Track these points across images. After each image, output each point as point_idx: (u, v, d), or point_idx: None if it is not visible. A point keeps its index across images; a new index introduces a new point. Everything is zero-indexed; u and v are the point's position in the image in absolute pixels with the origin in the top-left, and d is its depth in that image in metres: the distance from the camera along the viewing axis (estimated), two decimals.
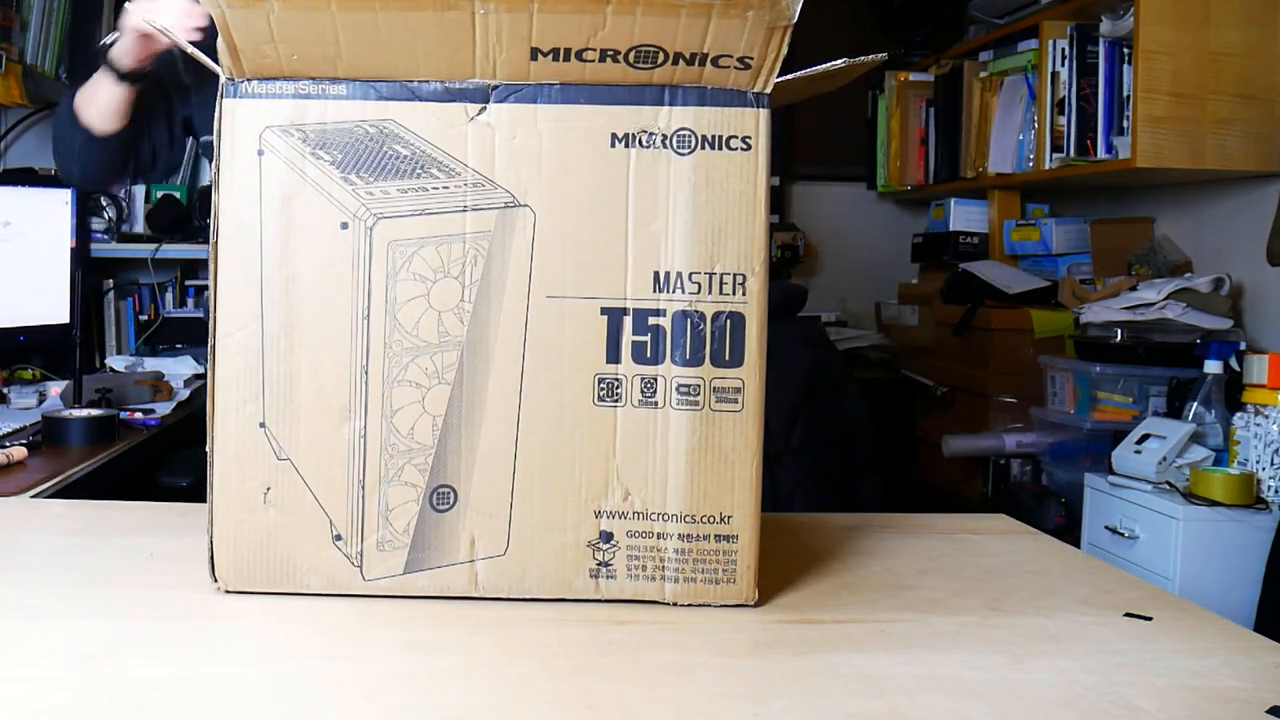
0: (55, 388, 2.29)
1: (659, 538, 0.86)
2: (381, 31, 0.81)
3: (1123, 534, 2.16)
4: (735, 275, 0.85)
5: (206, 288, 3.18)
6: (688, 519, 0.86)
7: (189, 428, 2.33)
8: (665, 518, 0.86)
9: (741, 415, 0.86)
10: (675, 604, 0.86)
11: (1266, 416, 2.08)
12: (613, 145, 0.85)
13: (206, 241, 3.15)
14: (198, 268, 3.18)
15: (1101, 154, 2.64)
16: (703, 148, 0.85)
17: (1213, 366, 2.23)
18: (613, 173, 0.84)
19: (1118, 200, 3.04)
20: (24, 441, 1.80)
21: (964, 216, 3.31)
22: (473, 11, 0.79)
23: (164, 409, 2.27)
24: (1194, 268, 2.66)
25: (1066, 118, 2.72)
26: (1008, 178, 3.07)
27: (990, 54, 3.20)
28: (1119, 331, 2.43)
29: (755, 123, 0.84)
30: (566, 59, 0.82)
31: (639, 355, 0.85)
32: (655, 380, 0.85)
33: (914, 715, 0.68)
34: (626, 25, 0.80)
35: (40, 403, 2.23)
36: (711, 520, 0.86)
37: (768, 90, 0.84)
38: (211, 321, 0.85)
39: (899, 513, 1.19)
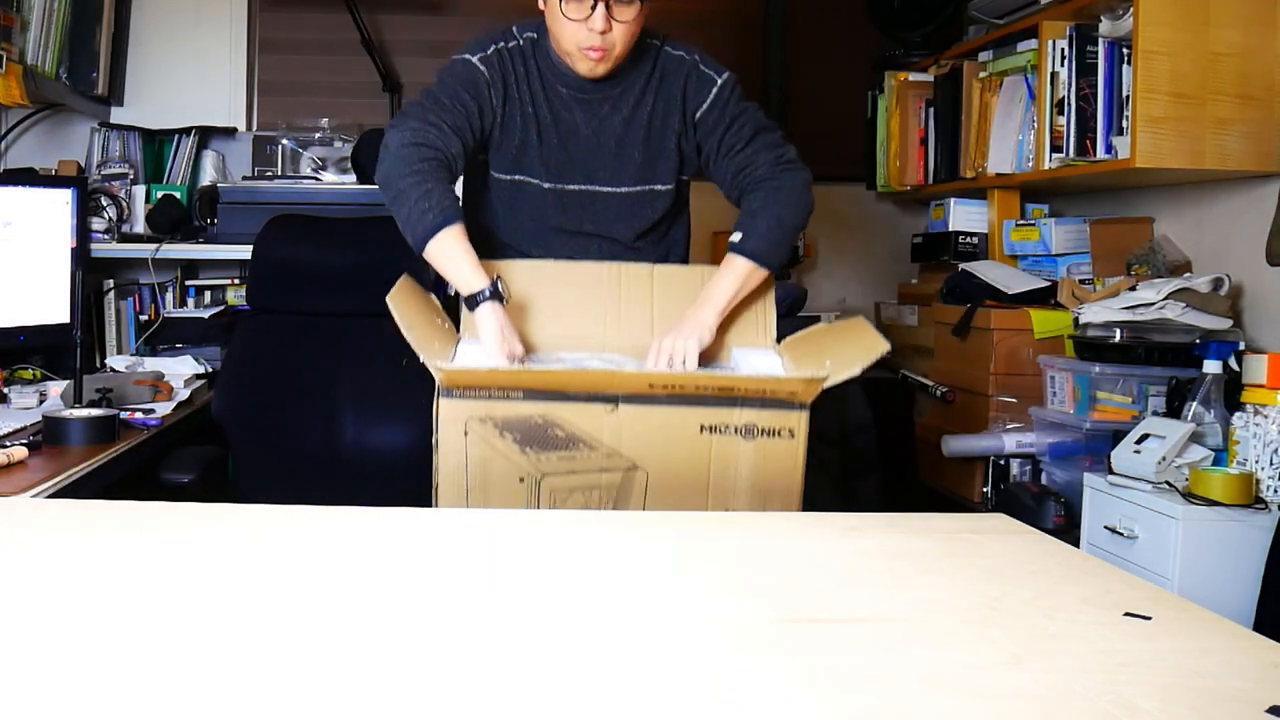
0: (55, 388, 2.29)
1: None
2: (548, 379, 1.22)
3: (1122, 534, 2.16)
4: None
5: (207, 288, 3.18)
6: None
7: (189, 427, 2.33)
8: None
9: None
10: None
11: (1266, 416, 2.08)
12: (700, 432, 1.32)
13: (206, 242, 3.17)
14: (198, 268, 3.18)
15: (1101, 154, 2.64)
16: (761, 436, 1.32)
17: (1212, 366, 2.23)
18: (699, 450, 1.32)
19: (1117, 200, 3.04)
20: (24, 441, 1.80)
21: (964, 216, 3.30)
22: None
23: (164, 409, 2.27)
24: (1193, 268, 2.66)
25: (1066, 118, 2.72)
26: (1007, 178, 3.07)
27: (990, 54, 3.20)
28: (1118, 331, 2.42)
29: (799, 420, 1.33)
30: (671, 389, 1.34)
31: None
32: None
33: (914, 715, 0.68)
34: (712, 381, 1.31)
35: (40, 403, 2.23)
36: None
37: (809, 402, 1.31)
38: None
39: (899, 512, 1.19)
